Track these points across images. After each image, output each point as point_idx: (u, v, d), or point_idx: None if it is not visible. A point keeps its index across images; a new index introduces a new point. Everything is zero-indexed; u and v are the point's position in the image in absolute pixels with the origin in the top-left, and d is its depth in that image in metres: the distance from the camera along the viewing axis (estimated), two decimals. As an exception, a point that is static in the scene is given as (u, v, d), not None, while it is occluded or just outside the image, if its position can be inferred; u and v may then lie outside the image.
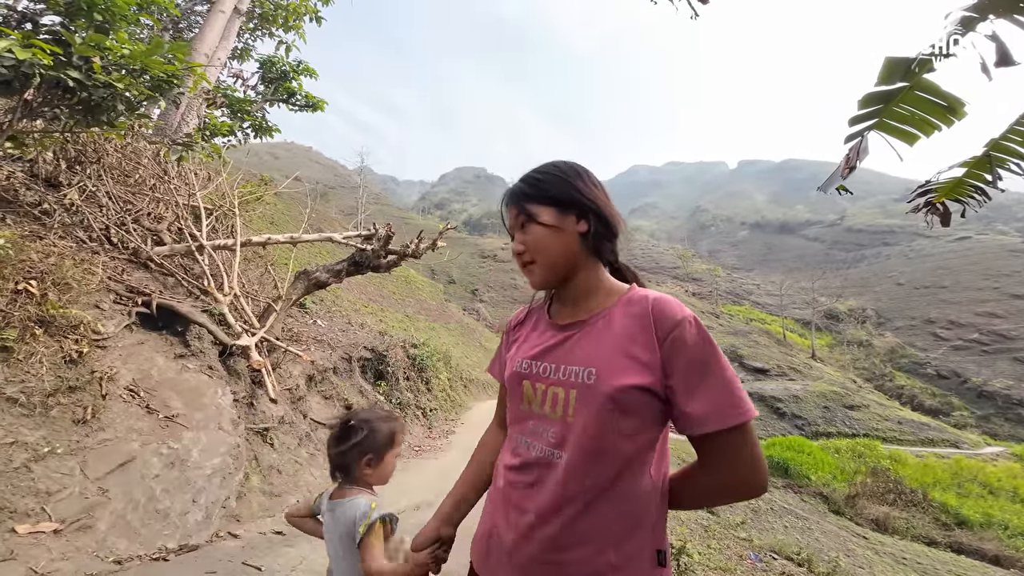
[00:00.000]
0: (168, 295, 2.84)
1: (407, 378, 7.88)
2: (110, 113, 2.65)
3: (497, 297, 50.23)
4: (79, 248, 2.59)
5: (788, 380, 32.94)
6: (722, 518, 12.91)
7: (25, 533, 1.76)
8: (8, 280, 1.94)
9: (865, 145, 1.74)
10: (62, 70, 2.26)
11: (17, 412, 1.87)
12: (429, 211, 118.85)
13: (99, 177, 3.08)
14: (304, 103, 7.06)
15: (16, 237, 2.10)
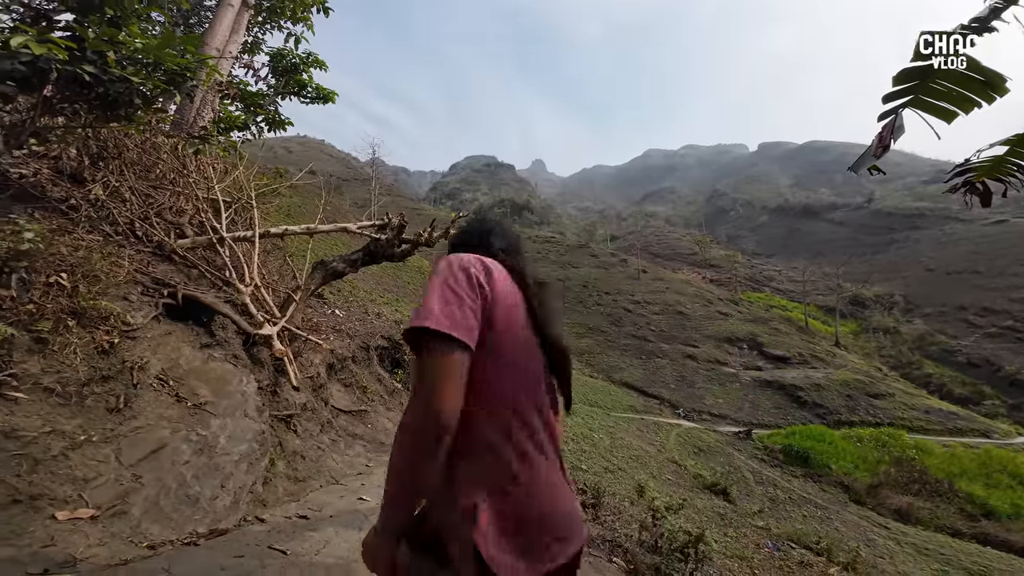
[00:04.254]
0: (192, 286, 2.92)
1: None
2: (127, 108, 2.68)
3: (510, 287, 50.29)
4: (106, 242, 2.67)
5: (810, 368, 32.21)
6: (739, 507, 12.88)
7: (64, 519, 1.83)
8: (40, 273, 2.02)
9: (900, 123, 1.67)
10: (78, 65, 2.28)
11: (54, 402, 1.95)
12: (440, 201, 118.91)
13: (121, 172, 3.16)
14: (315, 95, 7.06)
15: (46, 231, 2.17)
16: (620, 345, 36.83)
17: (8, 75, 2.12)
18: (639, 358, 34.49)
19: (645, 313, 42.52)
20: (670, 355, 34.56)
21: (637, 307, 43.80)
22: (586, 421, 17.17)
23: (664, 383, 30.83)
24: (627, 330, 39.28)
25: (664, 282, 51.72)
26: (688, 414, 27.04)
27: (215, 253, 3.47)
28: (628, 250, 73.11)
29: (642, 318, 41.48)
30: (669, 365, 33.16)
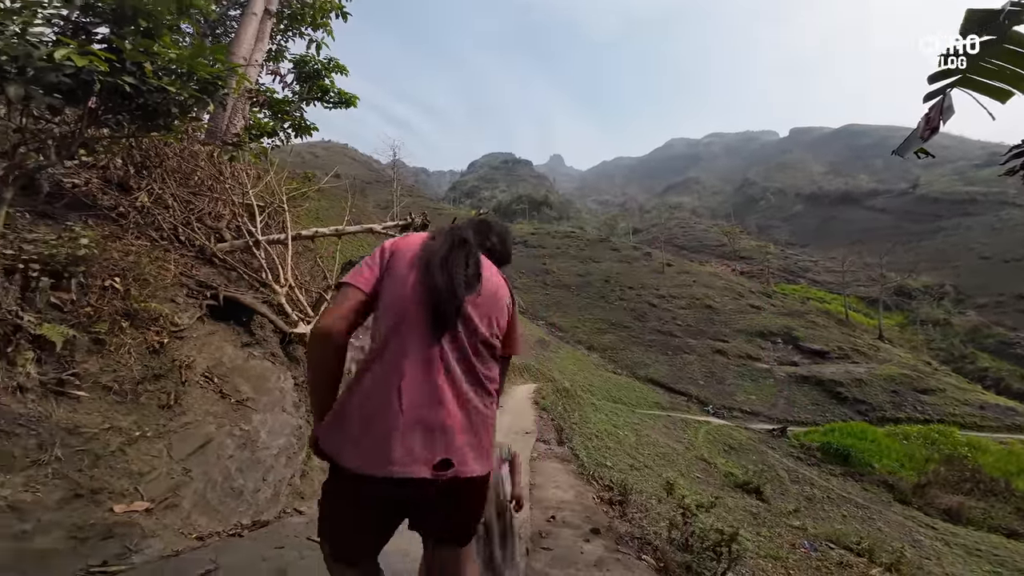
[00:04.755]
0: (233, 288, 3.06)
1: None
2: (166, 117, 2.81)
3: (529, 283, 50.12)
4: (153, 247, 2.83)
5: (851, 363, 30.60)
6: (773, 506, 12.44)
7: (121, 512, 1.93)
8: (96, 277, 2.16)
9: (949, 104, 1.57)
10: (118, 76, 2.37)
11: (112, 400, 2.07)
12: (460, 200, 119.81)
13: (163, 180, 3.34)
14: (337, 100, 7.23)
15: (99, 238, 2.31)
16: (645, 341, 36.12)
17: (55, 88, 2.23)
18: (665, 354, 33.73)
19: (671, 308, 41.50)
20: (698, 350, 33.61)
21: (662, 301, 42.80)
22: (610, 418, 16.97)
23: (692, 379, 30.05)
24: (652, 325, 38.47)
25: (691, 275, 50.28)
26: (718, 411, 26.27)
27: (251, 256, 3.62)
28: (652, 243, 71.46)
29: (668, 313, 40.51)
30: (697, 361, 32.27)
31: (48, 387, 1.92)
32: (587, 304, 44.19)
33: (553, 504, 3.85)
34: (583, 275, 51.71)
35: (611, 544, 2.99)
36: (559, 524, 3.30)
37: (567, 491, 4.38)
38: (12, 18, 2.16)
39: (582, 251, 60.31)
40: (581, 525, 3.29)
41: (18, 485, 1.73)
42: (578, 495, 4.31)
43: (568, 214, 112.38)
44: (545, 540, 2.92)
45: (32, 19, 2.22)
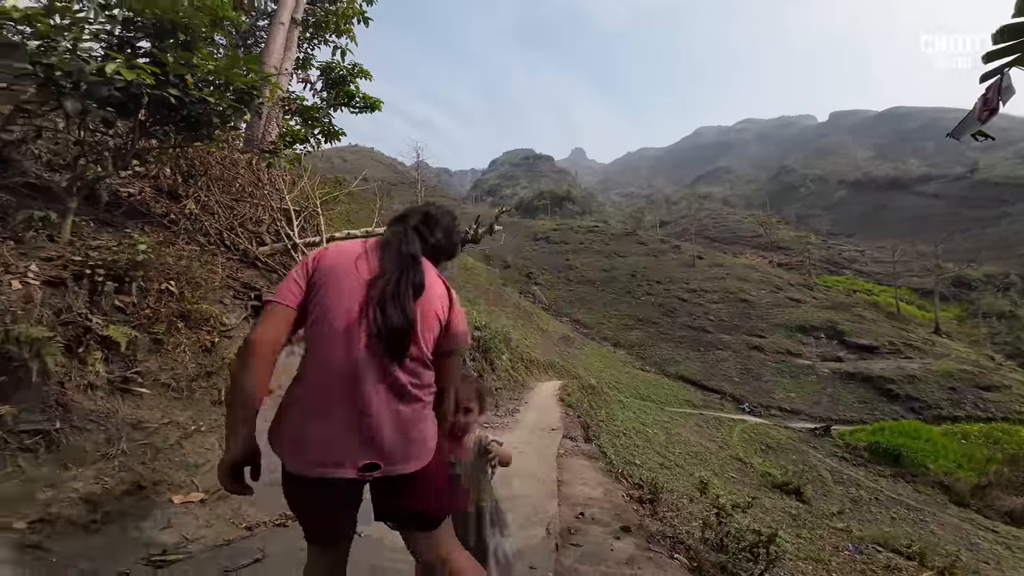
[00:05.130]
0: (274, 289, 3.23)
1: (473, 359, 8.22)
2: (208, 127, 2.97)
3: (552, 279, 49.82)
4: (202, 251, 3.03)
5: (903, 358, 28.64)
6: (814, 507, 11.88)
7: (179, 502, 2.08)
8: (153, 281, 2.34)
9: (1008, 83, 1.48)
10: (163, 89, 2.49)
11: (170, 396, 2.24)
12: (481, 198, 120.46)
13: (208, 188, 3.56)
14: (363, 105, 7.43)
15: (154, 243, 2.50)
16: (675, 337, 35.16)
17: (107, 101, 2.37)
18: (696, 350, 32.72)
19: (702, 302, 40.15)
20: (732, 346, 32.39)
21: (693, 296, 41.48)
22: (638, 416, 16.68)
23: (726, 376, 29.02)
24: (682, 320, 37.38)
25: (724, 268, 48.40)
26: (754, 409, 25.26)
27: (290, 258, 3.81)
28: (680, 235, 69.24)
29: (699, 307, 39.23)
30: (732, 357, 31.11)
31: (114, 385, 2.10)
32: (612, 300, 43.44)
33: (581, 501, 3.84)
34: (608, 270, 50.82)
35: (642, 542, 2.95)
36: (588, 521, 3.29)
37: (595, 488, 4.35)
38: (63, 34, 2.28)
39: (607, 245, 59.27)
40: (611, 522, 3.26)
41: (89, 478, 1.89)
42: (607, 492, 4.27)
43: (591, 208, 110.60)
44: (574, 536, 2.91)
45: (81, 35, 2.33)
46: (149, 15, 2.53)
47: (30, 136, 2.82)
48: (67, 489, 1.81)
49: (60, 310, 1.99)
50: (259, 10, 7.96)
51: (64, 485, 1.82)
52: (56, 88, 2.21)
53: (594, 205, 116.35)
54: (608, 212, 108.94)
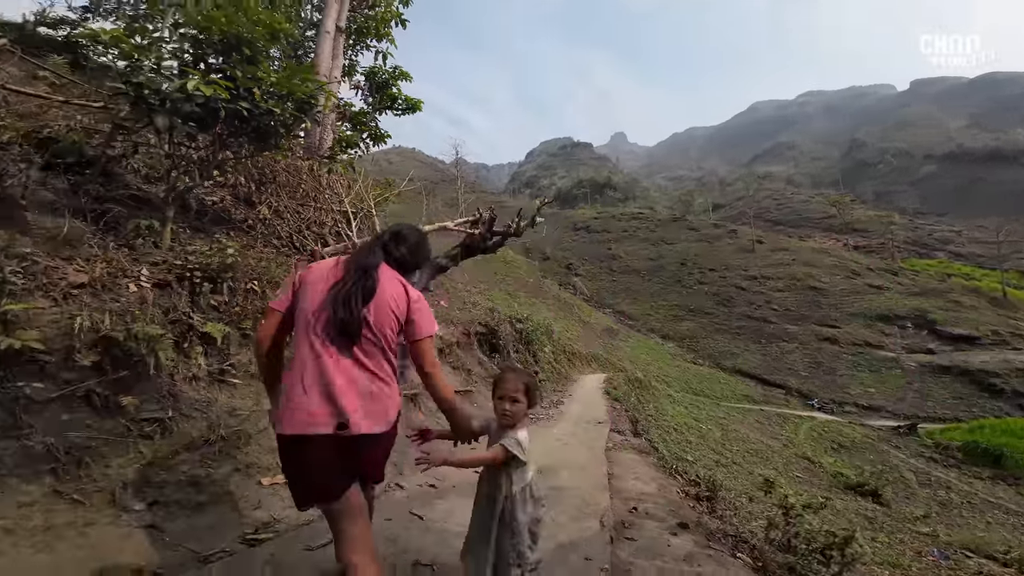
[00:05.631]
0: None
1: (516, 351, 8.33)
2: (275, 137, 3.23)
3: (594, 269, 48.72)
4: (277, 253, 3.35)
5: (1010, 349, 25.03)
6: (894, 510, 10.83)
7: (267, 484, 2.30)
8: (240, 281, 2.65)
9: None
10: (236, 102, 2.70)
11: (258, 386, 2.49)
12: (519, 191, 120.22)
13: (277, 194, 3.93)
14: (405, 106, 7.70)
15: (239, 247, 2.81)
16: (731, 328, 33.14)
17: (189, 116, 2.62)
18: (757, 342, 30.64)
19: (764, 290, 37.44)
20: (800, 338, 29.97)
21: (753, 284, 38.78)
22: (690, 411, 16.01)
23: (792, 370, 26.96)
24: (740, 310, 35.12)
25: (789, 252, 44.69)
26: (825, 405, 23.31)
27: (347, 256, 4.09)
28: (737, 219, 64.80)
29: (760, 296, 36.63)
30: (799, 349, 28.81)
31: (213, 376, 2.41)
32: (660, 290, 41.73)
33: (634, 495, 3.80)
34: (655, 259, 48.83)
35: (701, 539, 2.88)
36: (642, 516, 3.25)
37: (648, 483, 4.28)
38: (146, 54, 2.51)
39: (652, 232, 56.87)
40: (666, 518, 3.21)
41: (195, 462, 2.17)
42: (661, 488, 4.19)
43: (634, 194, 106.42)
44: (628, 531, 2.90)
45: (162, 54, 2.56)
46: (216, 32, 2.72)
47: (128, 151, 3.25)
48: (177, 472, 2.09)
49: (168, 309, 2.31)
50: (305, 20, 8.45)
51: (175, 469, 2.10)
52: (146, 105, 2.47)
53: (638, 191, 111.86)
54: (654, 197, 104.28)
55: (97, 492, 1.86)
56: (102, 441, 1.94)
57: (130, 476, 1.97)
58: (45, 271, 2.02)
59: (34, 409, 1.82)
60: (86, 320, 1.97)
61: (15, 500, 1.70)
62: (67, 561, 1.63)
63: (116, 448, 1.97)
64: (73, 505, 1.79)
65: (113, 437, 1.97)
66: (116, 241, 2.53)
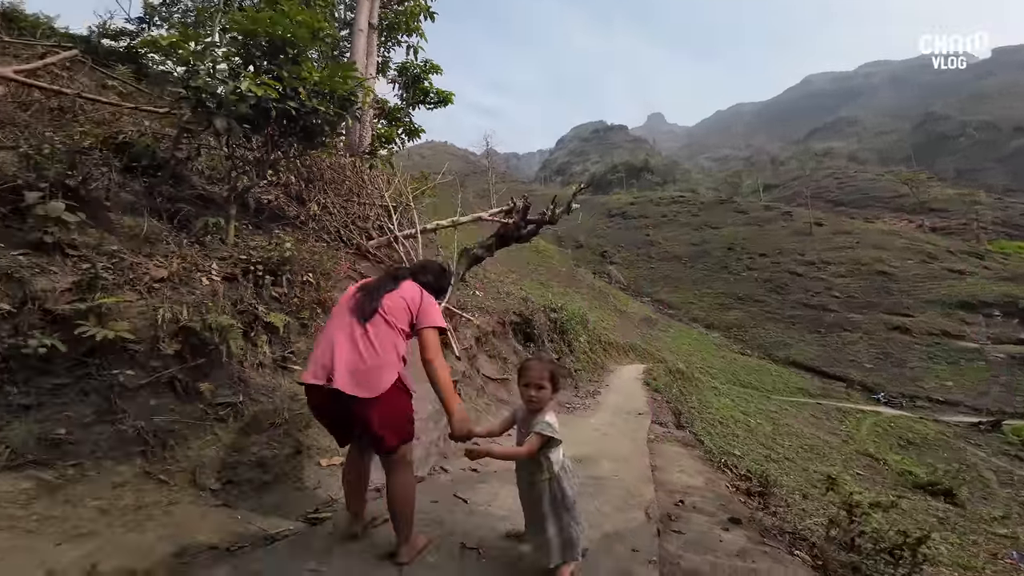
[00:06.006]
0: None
1: (551, 340, 8.32)
2: (320, 135, 3.36)
3: (630, 257, 47.25)
4: (327, 247, 3.55)
5: None
6: (969, 511, 9.93)
7: (325, 465, 2.47)
8: (297, 274, 2.84)
9: None
10: (285, 102, 2.83)
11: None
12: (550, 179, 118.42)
13: (324, 191, 4.14)
14: (437, 99, 7.77)
15: (295, 242, 3.00)
16: (784, 316, 31.19)
17: (244, 118, 2.77)
18: (815, 331, 28.66)
19: (823, 276, 34.81)
20: (865, 327, 27.72)
21: (810, 269, 36.15)
22: (737, 404, 15.34)
23: (854, 362, 25.05)
24: (795, 298, 32.90)
25: (852, 235, 41.17)
26: (892, 399, 21.53)
27: (392, 249, 4.27)
28: (792, 200, 60.41)
29: (819, 282, 34.10)
30: (863, 339, 26.69)
31: (277, 363, 2.60)
32: (704, 277, 39.89)
33: (679, 488, 3.72)
34: (698, 244, 46.64)
35: (755, 535, 2.78)
36: (689, 509, 3.18)
37: (695, 476, 4.18)
38: (201, 59, 2.67)
39: (695, 216, 54.23)
40: (716, 513, 3.12)
41: (263, 444, 2.34)
42: (708, 482, 4.07)
43: (674, 177, 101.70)
44: (675, 523, 2.85)
45: (215, 57, 2.70)
46: (262, 34, 2.85)
47: (193, 154, 3.52)
48: (247, 454, 2.28)
49: (236, 301, 2.52)
50: (339, 20, 8.66)
51: (245, 450, 2.29)
52: (205, 109, 2.65)
53: (678, 173, 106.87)
54: (696, 179, 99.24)
55: (180, 472, 2.06)
56: (183, 424, 2.15)
57: (207, 457, 2.16)
58: (131, 267, 2.26)
59: (126, 395, 2.03)
60: (167, 312, 2.18)
61: (110, 481, 1.89)
62: (155, 540, 1.76)
63: (195, 431, 2.18)
64: (159, 485, 1.98)
65: (193, 420, 2.18)
66: (188, 238, 2.78)
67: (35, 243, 2.07)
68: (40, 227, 2.09)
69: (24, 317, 1.85)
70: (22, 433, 1.77)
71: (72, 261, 2.10)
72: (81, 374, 1.96)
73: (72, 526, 1.69)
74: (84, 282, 2.02)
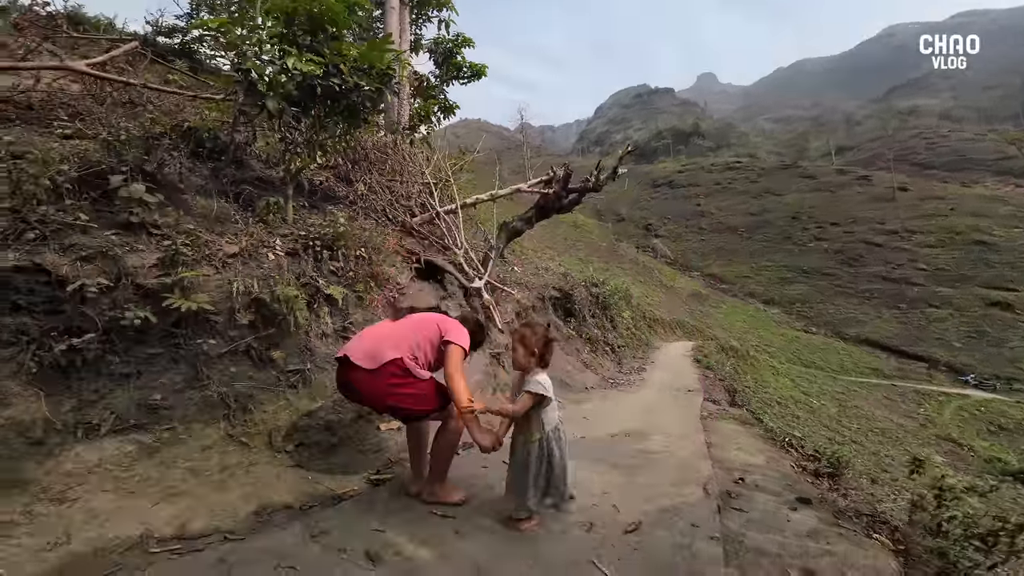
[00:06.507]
0: (428, 253, 3.79)
1: (593, 315, 8.20)
2: (363, 112, 3.41)
3: (678, 229, 44.85)
4: (376, 224, 3.69)
5: None
6: None
7: (384, 429, 2.66)
8: (351, 249, 2.98)
9: None
10: (328, 79, 2.89)
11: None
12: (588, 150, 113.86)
13: (369, 171, 4.27)
14: (470, 74, 7.61)
15: (347, 219, 3.14)
16: (858, 291, 28.64)
17: (292, 101, 2.86)
18: (894, 307, 26.14)
19: (907, 246, 31.37)
20: (956, 302, 24.88)
21: (891, 239, 32.66)
22: (798, 384, 14.47)
23: (941, 340, 22.68)
24: (872, 271, 30.01)
25: (945, 201, 36.51)
26: (984, 381, 19.39)
27: (434, 226, 4.36)
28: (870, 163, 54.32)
29: (901, 253, 30.81)
30: (953, 316, 24.02)
31: (337, 333, 2.78)
32: (763, 249, 37.24)
33: (738, 466, 3.60)
34: (757, 213, 43.41)
35: (827, 516, 2.64)
36: (751, 487, 3.07)
37: (755, 455, 4.02)
38: (247, 41, 2.75)
39: (754, 184, 50.27)
40: (781, 492, 2.99)
41: (329, 409, 2.54)
42: (770, 460, 3.90)
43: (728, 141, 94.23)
44: (736, 501, 2.76)
45: (261, 38, 2.76)
46: (302, 12, 2.89)
47: (251, 139, 3.73)
48: (316, 418, 2.47)
49: (298, 275, 2.69)
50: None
51: (314, 415, 2.48)
52: (256, 92, 2.75)
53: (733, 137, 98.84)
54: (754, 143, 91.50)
55: (258, 435, 2.26)
56: (260, 390, 2.35)
57: (281, 421, 2.37)
58: (205, 244, 2.46)
59: (210, 363, 2.23)
60: (240, 284, 2.37)
61: (199, 444, 2.10)
62: (237, 499, 1.96)
63: (270, 396, 2.39)
64: (241, 447, 2.19)
65: (268, 387, 2.39)
66: (252, 217, 2.99)
67: (123, 224, 2.29)
68: (126, 208, 2.30)
69: (120, 292, 2.06)
70: (124, 400, 1.99)
71: (155, 239, 2.31)
72: (171, 344, 2.17)
73: (167, 486, 1.91)
74: (167, 258, 2.23)
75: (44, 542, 1.54)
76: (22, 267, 1.90)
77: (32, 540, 1.55)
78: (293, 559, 1.64)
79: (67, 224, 2.08)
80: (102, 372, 1.97)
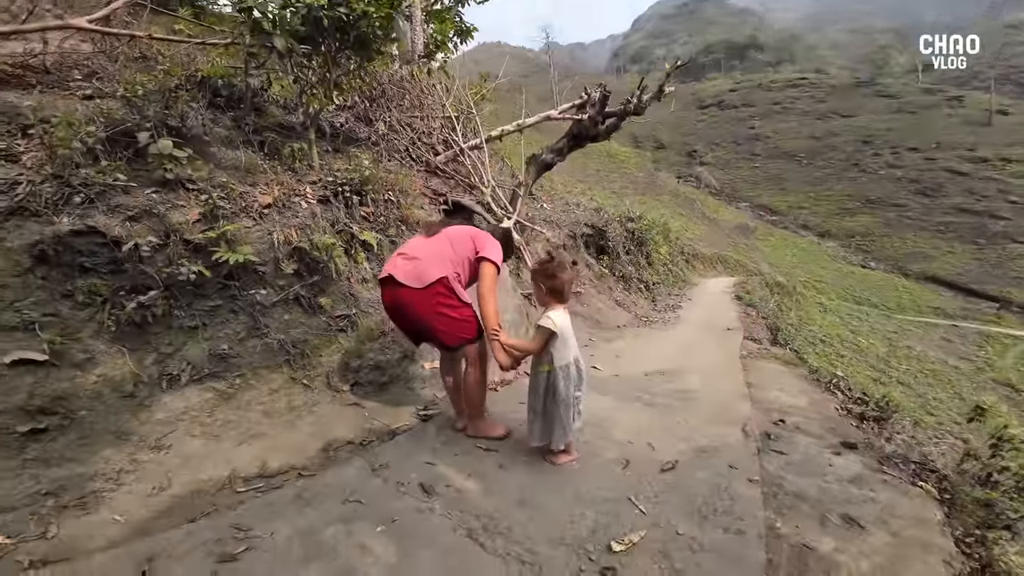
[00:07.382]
0: (455, 193, 3.71)
1: (627, 252, 7.99)
2: (374, 43, 3.21)
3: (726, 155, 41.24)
4: (400, 165, 3.61)
5: None
6: None
7: (428, 368, 2.81)
8: (379, 193, 2.98)
9: None
10: (334, 9, 2.78)
11: (409, 285, 2.85)
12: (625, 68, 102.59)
13: (388, 109, 4.09)
14: (485, -11, 6.76)
15: (372, 162, 3.08)
16: (932, 224, 26.16)
17: (299, 37, 2.76)
18: (971, 242, 23.87)
19: (998, 175, 27.84)
20: (1048, 238, 22.24)
21: (980, 167, 28.95)
22: (846, 322, 13.87)
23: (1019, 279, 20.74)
24: (952, 202, 27.10)
25: (1050, 129, 31.15)
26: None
27: (459, 163, 4.21)
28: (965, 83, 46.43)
29: (990, 183, 27.45)
30: (1039, 254, 21.62)
31: (376, 278, 2.86)
32: (824, 176, 34.05)
33: (777, 407, 3.61)
34: (820, 137, 39.11)
35: (872, 462, 2.63)
36: (791, 429, 3.10)
37: (797, 396, 4.00)
38: None
39: (820, 103, 44.70)
40: (824, 435, 3.00)
41: (377, 350, 2.71)
42: (813, 403, 3.88)
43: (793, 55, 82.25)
44: (775, 443, 2.79)
45: None
46: None
47: (266, 84, 3.62)
48: (366, 359, 2.65)
49: (332, 222, 2.75)
50: None
51: (364, 356, 2.65)
52: (263, 31, 2.68)
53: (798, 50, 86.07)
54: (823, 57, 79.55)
55: (317, 377, 2.47)
56: (313, 335, 2.53)
57: (336, 363, 2.57)
58: (240, 196, 2.52)
59: (265, 312, 2.40)
60: (279, 235, 2.45)
61: (267, 388, 2.30)
62: (306, 437, 2.18)
63: (324, 340, 2.57)
64: (304, 389, 2.40)
65: (320, 332, 2.56)
66: (280, 165, 3.00)
67: (160, 181, 2.37)
68: (159, 165, 2.37)
69: (172, 248, 2.19)
70: (197, 351, 2.19)
71: (192, 194, 2.38)
72: (227, 296, 2.34)
73: (245, 429, 2.13)
74: (207, 212, 2.31)
75: (149, 487, 1.77)
76: (78, 231, 2.02)
77: (140, 486, 1.78)
78: (359, 493, 1.83)
79: (109, 185, 2.17)
80: (172, 326, 2.16)
